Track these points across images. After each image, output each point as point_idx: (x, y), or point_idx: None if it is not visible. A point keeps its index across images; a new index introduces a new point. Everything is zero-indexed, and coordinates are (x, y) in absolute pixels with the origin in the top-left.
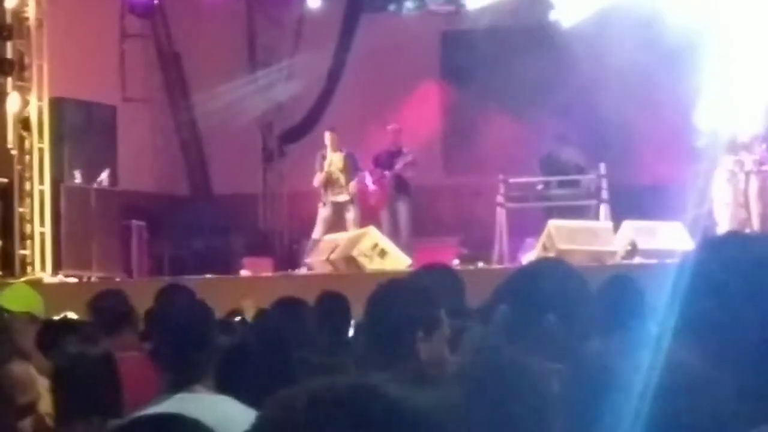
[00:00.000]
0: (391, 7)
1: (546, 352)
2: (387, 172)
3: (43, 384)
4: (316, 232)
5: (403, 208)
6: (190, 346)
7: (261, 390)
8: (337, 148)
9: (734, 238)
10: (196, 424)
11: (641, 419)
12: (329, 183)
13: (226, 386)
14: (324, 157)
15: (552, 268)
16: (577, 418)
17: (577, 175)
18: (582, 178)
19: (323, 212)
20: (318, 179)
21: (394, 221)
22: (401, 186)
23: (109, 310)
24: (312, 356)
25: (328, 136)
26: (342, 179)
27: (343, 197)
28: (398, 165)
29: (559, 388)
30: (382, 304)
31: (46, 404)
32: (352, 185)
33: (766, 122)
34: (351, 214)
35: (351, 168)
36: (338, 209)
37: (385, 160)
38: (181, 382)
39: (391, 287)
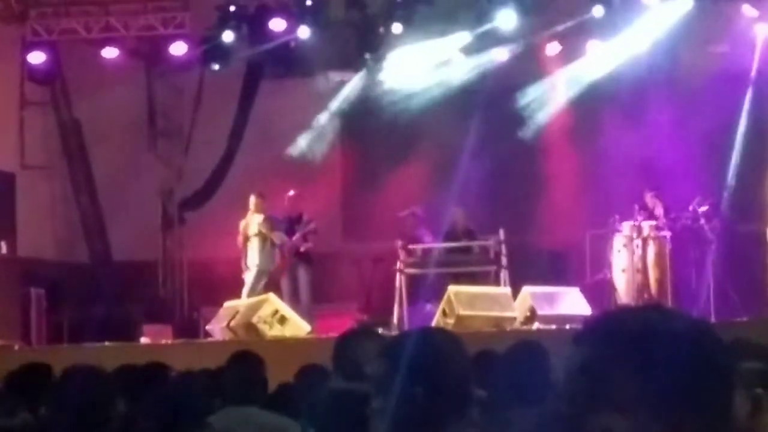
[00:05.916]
0: (291, 74)
1: (412, 424)
2: (287, 239)
3: None
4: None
5: (303, 275)
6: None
7: None
8: (259, 211)
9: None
10: None
11: None
12: (245, 246)
13: None
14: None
15: (425, 338)
16: None
17: (480, 240)
18: (483, 244)
19: (245, 277)
20: (239, 241)
21: (294, 287)
22: (301, 252)
23: None
24: None
25: (252, 200)
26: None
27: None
28: (297, 235)
29: None
30: None
31: None
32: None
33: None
34: (248, 277)
35: (269, 232)
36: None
37: (285, 227)
38: None
39: None
